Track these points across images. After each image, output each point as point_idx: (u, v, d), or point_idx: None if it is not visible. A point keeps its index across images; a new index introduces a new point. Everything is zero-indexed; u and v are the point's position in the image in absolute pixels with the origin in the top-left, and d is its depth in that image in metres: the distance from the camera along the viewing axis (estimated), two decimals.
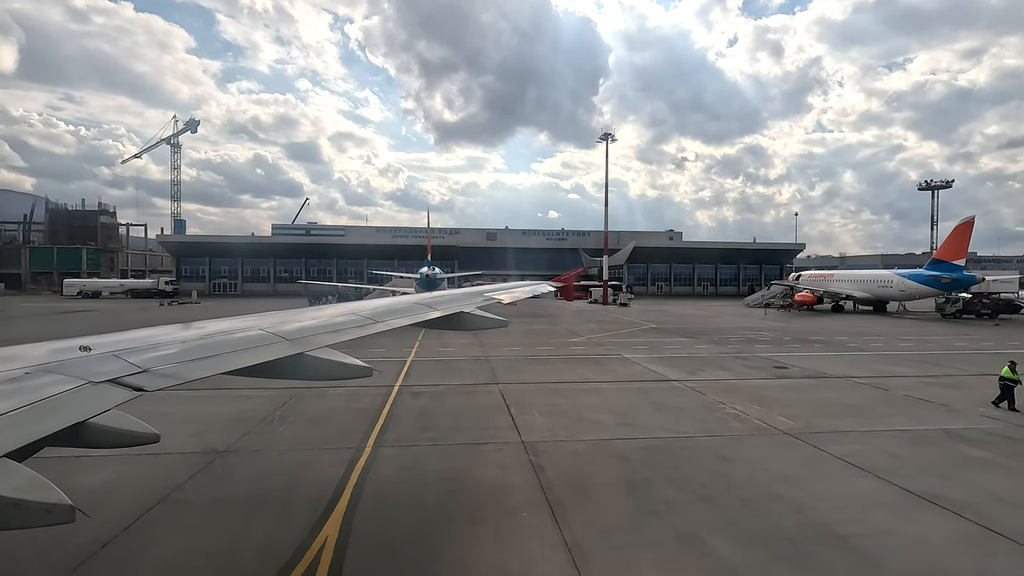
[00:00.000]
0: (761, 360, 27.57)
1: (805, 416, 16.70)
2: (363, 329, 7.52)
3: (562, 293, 38.94)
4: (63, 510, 2.93)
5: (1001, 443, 14.17)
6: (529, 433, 14.74)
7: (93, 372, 4.28)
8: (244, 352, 5.62)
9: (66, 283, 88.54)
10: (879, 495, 10.81)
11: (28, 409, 3.54)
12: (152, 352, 5.06)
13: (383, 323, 8.03)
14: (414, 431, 14.94)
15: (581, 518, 9.65)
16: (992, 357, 29.35)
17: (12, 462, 3.03)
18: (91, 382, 4.12)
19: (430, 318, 9.20)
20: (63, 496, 2.93)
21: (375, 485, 11.10)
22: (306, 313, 8.07)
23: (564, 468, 12.24)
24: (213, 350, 5.49)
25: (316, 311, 8.51)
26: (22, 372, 4.07)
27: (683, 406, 18.01)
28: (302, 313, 8.05)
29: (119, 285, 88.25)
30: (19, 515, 2.83)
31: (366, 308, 8.82)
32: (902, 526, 9.43)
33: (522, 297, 14.73)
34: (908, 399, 19.18)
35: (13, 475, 2.95)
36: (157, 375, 4.57)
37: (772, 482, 11.38)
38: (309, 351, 6.09)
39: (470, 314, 9.99)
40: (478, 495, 10.79)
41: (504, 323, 10.41)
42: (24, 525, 2.88)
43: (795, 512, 9.96)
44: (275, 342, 6.07)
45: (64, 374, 4.15)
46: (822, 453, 13.29)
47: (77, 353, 4.66)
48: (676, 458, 12.93)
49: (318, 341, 6.42)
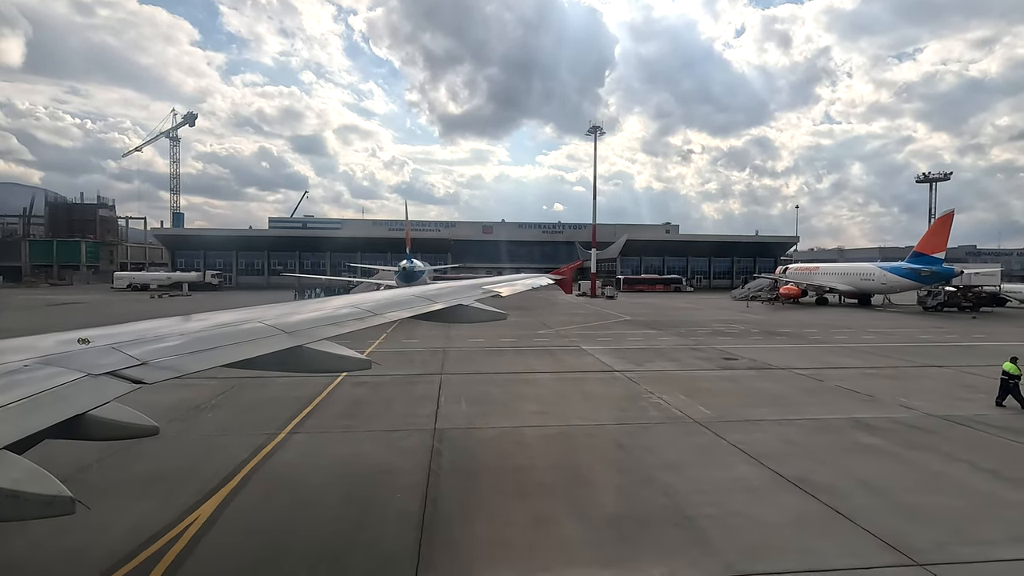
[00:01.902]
0: (715, 352, 27.93)
1: (725, 406, 17.10)
2: (362, 322, 7.52)
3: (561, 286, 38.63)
4: (63, 502, 2.92)
5: (902, 431, 14.53)
6: (446, 421, 15.24)
7: (92, 365, 4.27)
8: (243, 345, 5.66)
9: (116, 276, 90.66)
10: (749, 480, 11.24)
11: (27, 401, 3.54)
12: (151, 345, 5.07)
13: (383, 316, 8.08)
14: (335, 419, 15.47)
15: (451, 500, 10.13)
16: (950, 349, 29.65)
17: (11, 454, 3.02)
18: (90, 375, 4.11)
19: (430, 311, 9.32)
20: (63, 488, 2.93)
21: (270, 469, 11.64)
22: (307, 306, 8.15)
23: (461, 454, 12.74)
24: (212, 343, 5.52)
25: (317, 304, 8.58)
26: (21, 364, 4.08)
27: (611, 395, 18.46)
28: (303, 306, 8.16)
29: (166, 278, 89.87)
30: (18, 507, 2.81)
31: (367, 301, 8.83)
32: (753, 508, 9.86)
33: (521, 290, 14.53)
34: (838, 390, 19.54)
35: (12, 467, 2.93)
36: (156, 368, 4.59)
37: (655, 468, 11.83)
38: (308, 344, 6.11)
39: (469, 307, 10.14)
40: (364, 478, 11.30)
41: (503, 316, 10.54)
42: (23, 516, 2.86)
43: (660, 495, 10.40)
44: (274, 335, 6.08)
45: (63, 367, 4.15)
46: (720, 441, 13.70)
47: (76, 346, 4.66)
48: (575, 445, 13.40)
49: (317, 334, 6.44)
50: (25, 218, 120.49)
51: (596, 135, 78.31)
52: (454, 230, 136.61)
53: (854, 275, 61.26)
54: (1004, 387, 17.17)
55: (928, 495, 10.50)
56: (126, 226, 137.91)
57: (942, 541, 8.68)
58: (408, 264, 48.28)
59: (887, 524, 9.16)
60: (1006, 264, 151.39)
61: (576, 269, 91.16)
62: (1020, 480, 11.26)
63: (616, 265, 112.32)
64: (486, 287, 12.53)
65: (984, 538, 8.81)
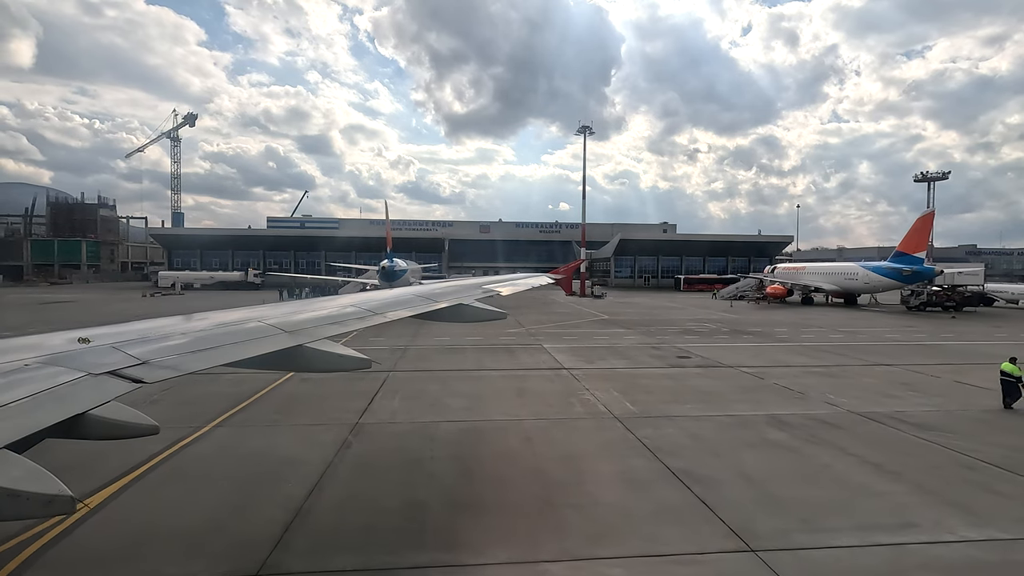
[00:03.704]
0: (673, 350, 28.26)
1: (653, 402, 17.49)
2: (363, 321, 7.61)
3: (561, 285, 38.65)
4: (63, 501, 2.92)
5: (812, 427, 14.84)
6: (371, 416, 15.71)
7: (92, 364, 4.30)
8: (244, 344, 5.67)
9: (161, 275, 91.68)
10: (636, 472, 11.63)
11: (28, 401, 3.56)
12: (152, 344, 5.09)
13: (384, 316, 8.15)
14: (267, 413, 15.97)
15: (336, 488, 10.62)
16: (909, 348, 29.87)
17: (12, 453, 3.02)
18: (90, 374, 4.14)
19: (430, 310, 9.42)
20: (63, 487, 2.93)
21: (178, 461, 12.13)
22: (309, 305, 8.30)
23: (369, 447, 13.21)
24: (214, 342, 5.53)
25: (321, 303, 8.74)
26: (22, 364, 4.11)
27: (546, 392, 18.87)
28: (307, 305, 8.36)
29: (209, 277, 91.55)
30: (18, 506, 2.81)
31: (371, 301, 8.90)
32: (623, 498, 10.27)
33: (522, 290, 14.53)
34: (774, 387, 19.85)
35: (12, 466, 2.93)
36: (156, 367, 4.61)
37: (547, 460, 12.26)
38: (308, 343, 6.15)
39: (470, 306, 10.20)
40: (267, 469, 11.74)
41: (503, 315, 10.66)
42: (23, 516, 2.87)
43: (537, 486, 10.82)
44: (275, 334, 6.10)
45: (64, 366, 4.18)
46: (628, 435, 14.09)
47: (77, 345, 4.68)
48: (483, 439, 13.85)
49: (317, 333, 6.49)
50: (27, 218, 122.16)
51: (585, 135, 78.58)
52: (451, 229, 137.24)
53: (838, 275, 61.31)
54: (1007, 388, 16.82)
55: (800, 487, 10.87)
56: (127, 226, 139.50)
57: (787, 529, 9.06)
58: (388, 263, 48.73)
59: (743, 513, 9.55)
60: (1007, 264, 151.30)
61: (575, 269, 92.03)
62: (898, 473, 11.60)
63: (610, 265, 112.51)
64: (486, 287, 12.61)
65: (830, 527, 9.18)
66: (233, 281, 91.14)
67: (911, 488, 10.86)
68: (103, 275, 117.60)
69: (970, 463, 12.26)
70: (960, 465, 12.16)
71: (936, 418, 15.89)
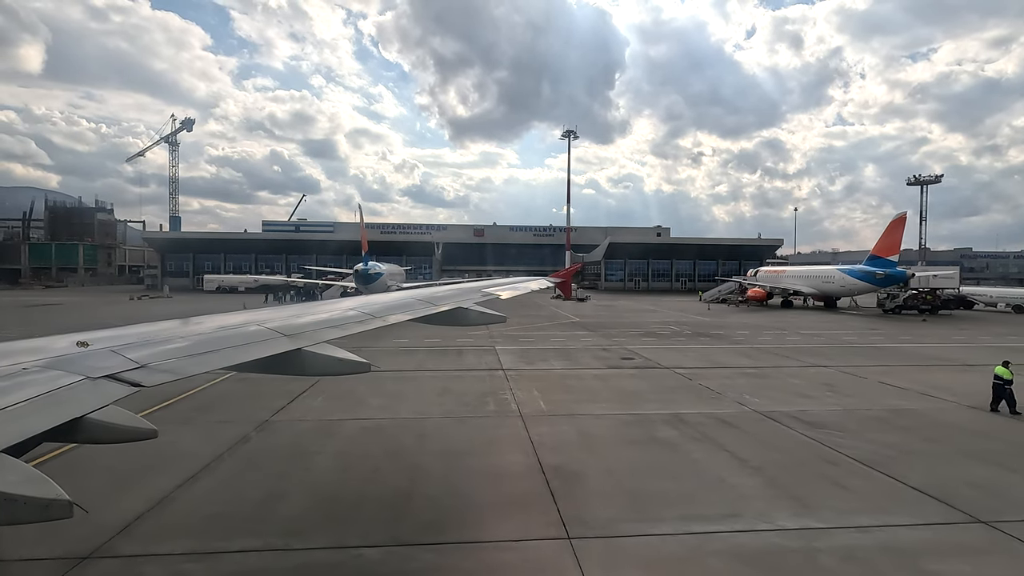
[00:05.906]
0: (620, 352, 28.72)
1: (567, 402, 17.99)
2: (363, 325, 7.65)
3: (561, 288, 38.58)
4: (61, 505, 2.91)
5: (707, 426, 15.28)
6: (285, 414, 16.29)
7: (91, 367, 4.29)
8: (243, 348, 5.70)
9: (206, 279, 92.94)
10: (509, 466, 12.15)
11: (25, 404, 3.54)
12: (150, 348, 5.10)
13: (384, 319, 8.20)
14: (186, 411, 16.51)
15: (210, 480, 11.20)
16: (859, 351, 30.19)
17: (9, 457, 3.02)
18: (89, 377, 4.12)
19: (430, 314, 9.47)
20: (61, 491, 2.92)
21: (75, 451, 12.70)
22: (308, 309, 8.40)
23: (264, 443, 13.78)
24: (213, 346, 5.55)
25: (320, 307, 8.90)
26: (19, 368, 4.08)
27: (467, 392, 19.39)
28: (304, 309, 8.61)
29: (253, 281, 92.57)
30: (14, 510, 2.80)
31: (372, 304, 8.94)
32: (480, 490, 10.83)
33: (522, 293, 14.55)
34: (696, 388, 20.29)
35: (9, 470, 2.92)
36: (155, 371, 4.62)
37: (430, 455, 12.80)
38: (307, 347, 6.19)
39: (469, 310, 10.26)
40: (150, 463, 12.22)
41: (503, 318, 10.86)
42: (20, 520, 2.84)
43: (405, 478, 11.36)
44: (273, 338, 6.14)
45: (62, 370, 4.16)
46: (522, 433, 14.59)
47: (75, 349, 4.70)
48: (380, 436, 14.39)
49: (316, 337, 6.53)
50: (26, 221, 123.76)
51: (570, 138, 79.32)
52: (444, 233, 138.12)
53: (816, 278, 61.62)
54: (997, 392, 16.95)
55: (656, 481, 11.35)
56: (125, 229, 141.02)
57: (616, 519, 9.56)
58: (363, 266, 49.35)
59: (582, 505, 10.06)
60: (1003, 267, 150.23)
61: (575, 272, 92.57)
62: (759, 468, 12.06)
63: (601, 268, 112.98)
64: (485, 290, 12.66)
65: (656, 516, 9.67)
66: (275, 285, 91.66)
67: (763, 482, 11.32)
68: (99, 278, 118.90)
69: (836, 459, 12.70)
70: (824, 460, 12.61)
71: (835, 417, 16.32)
